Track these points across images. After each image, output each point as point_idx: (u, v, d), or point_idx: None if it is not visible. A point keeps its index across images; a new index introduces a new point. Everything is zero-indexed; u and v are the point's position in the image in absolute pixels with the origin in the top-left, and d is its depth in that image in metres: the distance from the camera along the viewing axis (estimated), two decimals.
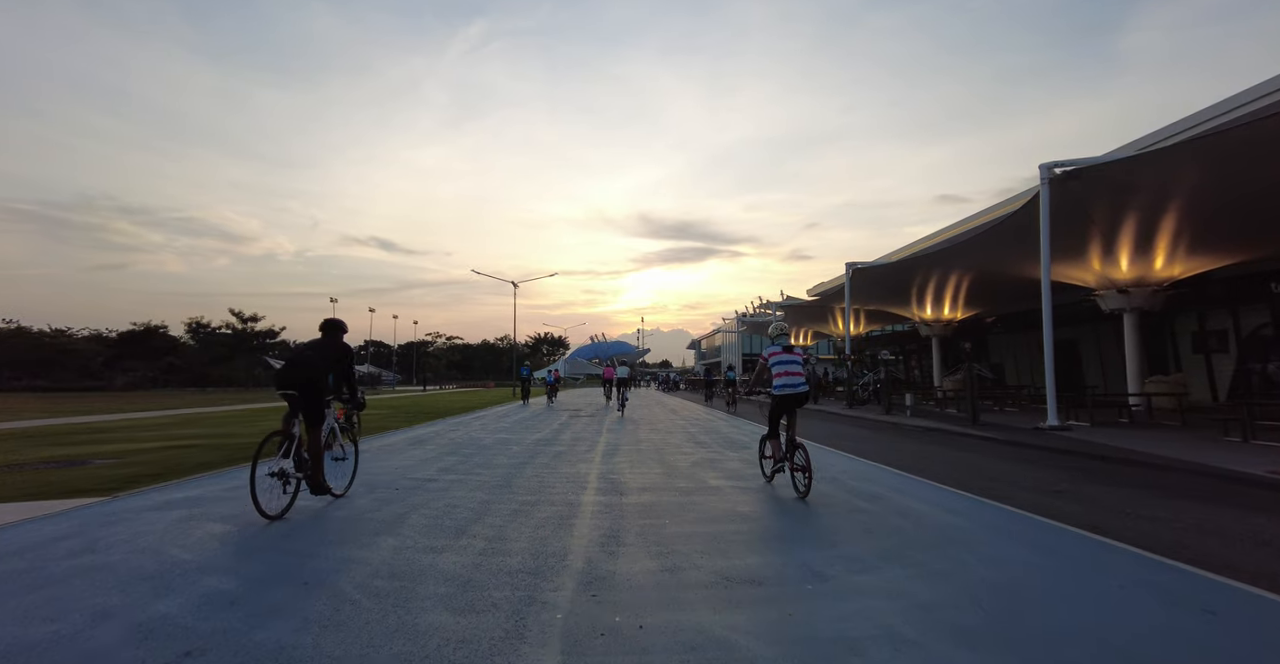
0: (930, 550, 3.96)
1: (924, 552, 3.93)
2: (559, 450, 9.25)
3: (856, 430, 13.27)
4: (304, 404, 5.00)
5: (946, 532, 4.45)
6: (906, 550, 3.96)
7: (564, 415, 17.37)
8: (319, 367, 5.11)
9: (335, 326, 5.53)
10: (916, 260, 21.15)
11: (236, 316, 52.48)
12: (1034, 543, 4.14)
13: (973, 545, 4.08)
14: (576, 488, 6.15)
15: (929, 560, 3.73)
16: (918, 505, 5.36)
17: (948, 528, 4.56)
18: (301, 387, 4.98)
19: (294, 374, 4.99)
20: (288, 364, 5.08)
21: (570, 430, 12.54)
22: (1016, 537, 4.31)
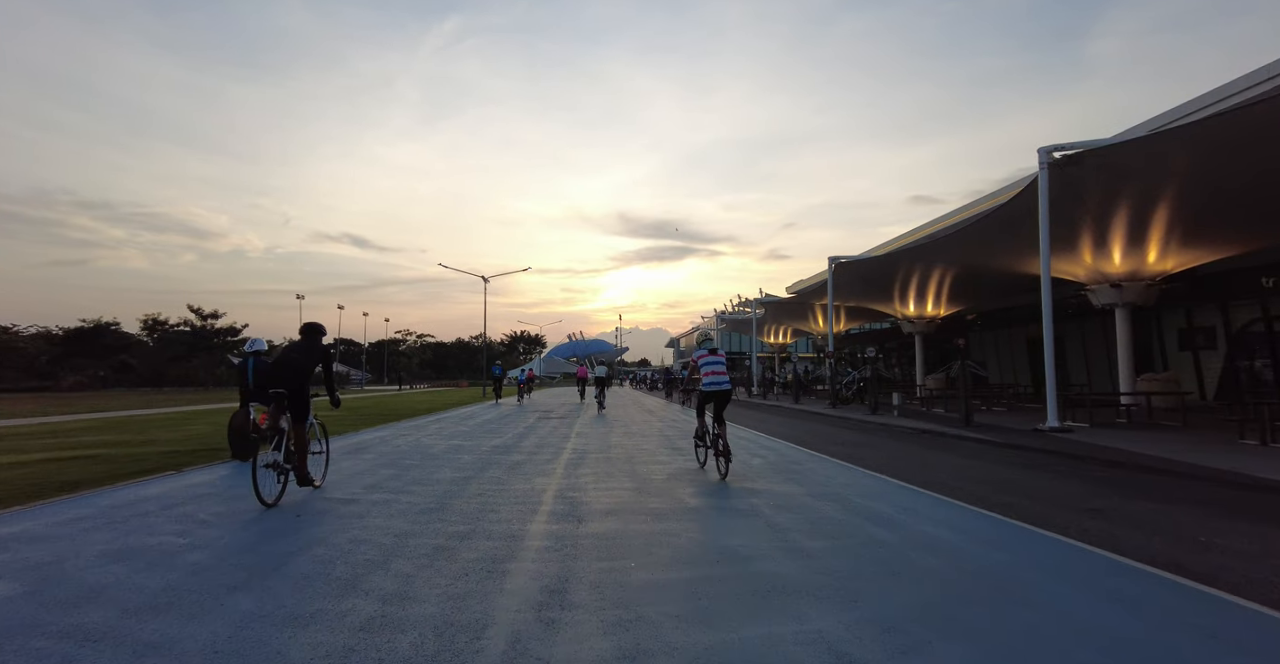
0: (981, 606, 2.92)
1: (974, 608, 2.89)
2: (516, 460, 8.07)
3: (846, 433, 12.33)
4: (291, 402, 5.38)
5: (991, 574, 3.42)
6: (952, 607, 2.91)
7: (532, 417, 16.15)
8: (305, 367, 5.47)
9: (315, 330, 5.81)
10: (901, 254, 20.39)
11: (195, 313, 49.87)
12: (1120, 596, 3.11)
13: (1033, 597, 3.04)
14: (525, 512, 4.98)
15: (987, 625, 2.68)
16: (941, 533, 4.34)
17: (991, 568, 3.53)
18: (289, 386, 5.35)
19: (282, 374, 5.36)
20: (275, 365, 5.49)
21: (535, 435, 11.35)
22: (1089, 584, 3.29)
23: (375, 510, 5.02)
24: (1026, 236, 15.84)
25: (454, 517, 4.80)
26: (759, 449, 9.33)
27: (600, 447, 9.54)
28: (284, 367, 5.44)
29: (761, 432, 12.18)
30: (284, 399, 5.36)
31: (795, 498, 5.57)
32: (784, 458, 8.38)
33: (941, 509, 5.17)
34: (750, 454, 8.72)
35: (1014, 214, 14.79)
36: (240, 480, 6.40)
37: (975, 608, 2.91)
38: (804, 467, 7.54)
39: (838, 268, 22.00)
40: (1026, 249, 16.53)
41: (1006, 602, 3.00)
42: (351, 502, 5.38)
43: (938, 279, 22.22)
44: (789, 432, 12.32)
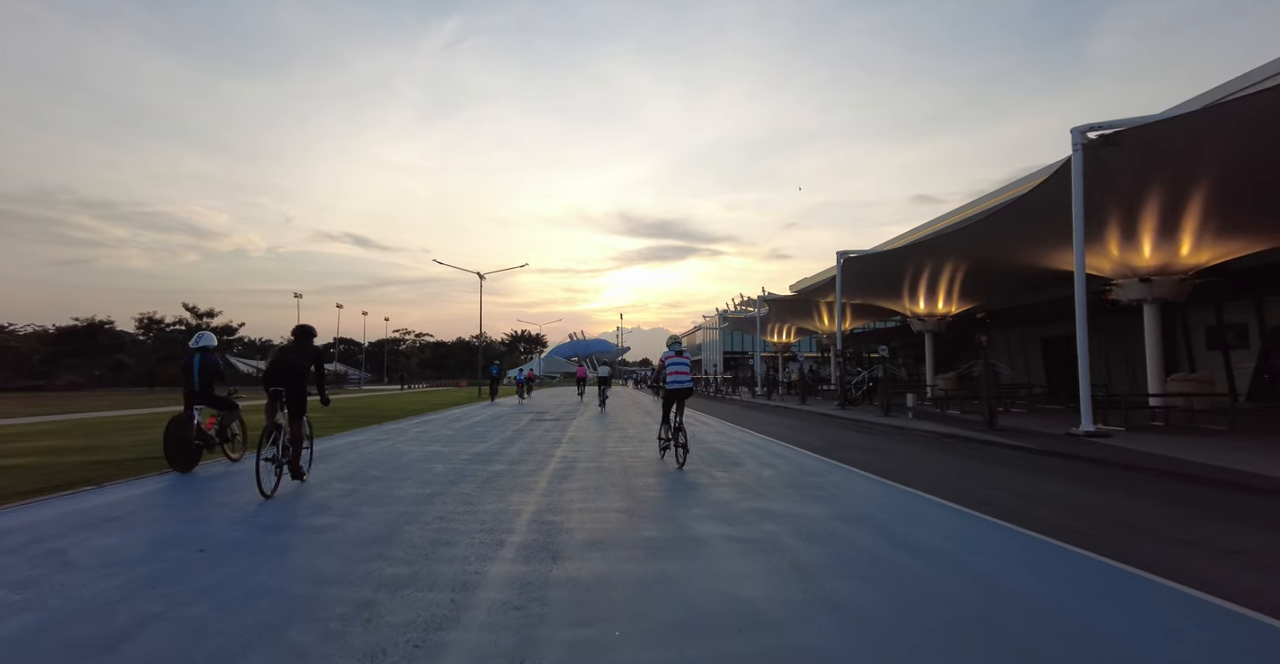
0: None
1: None
2: (496, 470, 7.07)
3: (861, 437, 11.31)
4: (288, 399, 5.74)
5: (1114, 649, 2.41)
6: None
7: (525, 418, 15.16)
8: (302, 367, 5.85)
9: (307, 332, 6.17)
10: (912, 249, 19.37)
11: (191, 311, 48.92)
12: None
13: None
14: (488, 546, 3.98)
15: None
16: (1022, 578, 3.32)
17: (1102, 636, 2.52)
18: (288, 384, 5.72)
19: (280, 374, 5.74)
20: (273, 365, 5.86)
21: (524, 439, 10.36)
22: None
23: (304, 543, 4.03)
24: (1049, 228, 14.81)
25: (398, 552, 3.80)
26: (769, 457, 8.32)
27: (593, 453, 8.54)
28: (282, 367, 5.83)
29: (769, 435, 11.17)
30: (282, 396, 5.73)
31: (820, 523, 4.57)
32: (798, 468, 7.37)
33: (1003, 539, 4.16)
34: (761, 463, 7.72)
35: (1037, 204, 13.77)
36: (165, 500, 5.42)
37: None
38: (823, 479, 6.54)
39: (846, 263, 20.98)
40: (1049, 241, 15.51)
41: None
42: (282, 528, 4.39)
43: (949, 275, 21.21)
44: (799, 436, 11.31)
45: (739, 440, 10.32)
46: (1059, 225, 14.39)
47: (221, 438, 7.25)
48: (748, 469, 7.20)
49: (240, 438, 7.77)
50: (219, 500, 5.36)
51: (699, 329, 67.61)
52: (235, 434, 7.61)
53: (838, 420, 15.45)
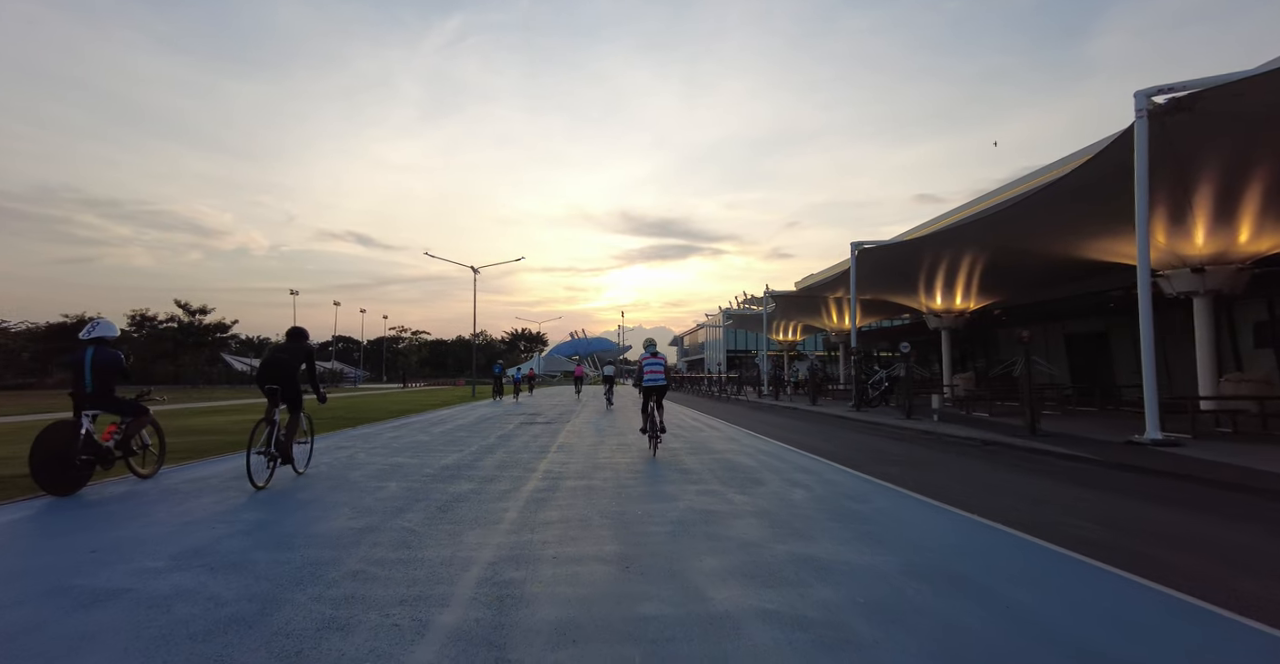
0: None
1: None
2: (460, 492, 5.67)
3: (891, 445, 9.88)
4: (283, 394, 6.10)
5: None
6: None
7: (515, 421, 13.77)
8: (292, 365, 6.20)
9: (299, 334, 6.52)
10: (931, 240, 17.93)
11: (183, 308, 47.58)
12: None
13: None
14: (399, 638, 2.56)
15: None
16: None
17: None
18: (281, 382, 6.06)
19: (272, 373, 6.09)
20: (264, 365, 6.24)
21: (507, 447, 8.97)
22: None
23: (110, 635, 2.62)
24: (1088, 213, 13.37)
25: (250, 655, 2.39)
26: (795, 471, 6.91)
27: (583, 467, 7.14)
28: (272, 366, 6.13)
29: (787, 442, 9.76)
30: (276, 394, 6.03)
31: (893, 584, 3.16)
32: (833, 488, 5.96)
33: (1135, 600, 2.74)
34: (787, 481, 6.31)
35: (1078, 185, 12.32)
36: None
37: None
38: (869, 506, 5.13)
39: (861, 255, 19.56)
40: (1087, 227, 14.06)
41: None
42: (111, 597, 2.98)
43: (968, 268, 19.80)
44: (821, 443, 9.90)
45: (754, 449, 8.91)
46: (1101, 209, 12.96)
47: (125, 450, 5.85)
48: (772, 489, 5.80)
49: (156, 449, 6.37)
50: (72, 543, 3.97)
51: (701, 327, 66.16)
52: (146, 444, 6.21)
53: (857, 424, 14.03)
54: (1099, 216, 13.28)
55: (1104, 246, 14.56)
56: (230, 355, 62.50)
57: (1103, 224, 13.66)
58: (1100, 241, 14.40)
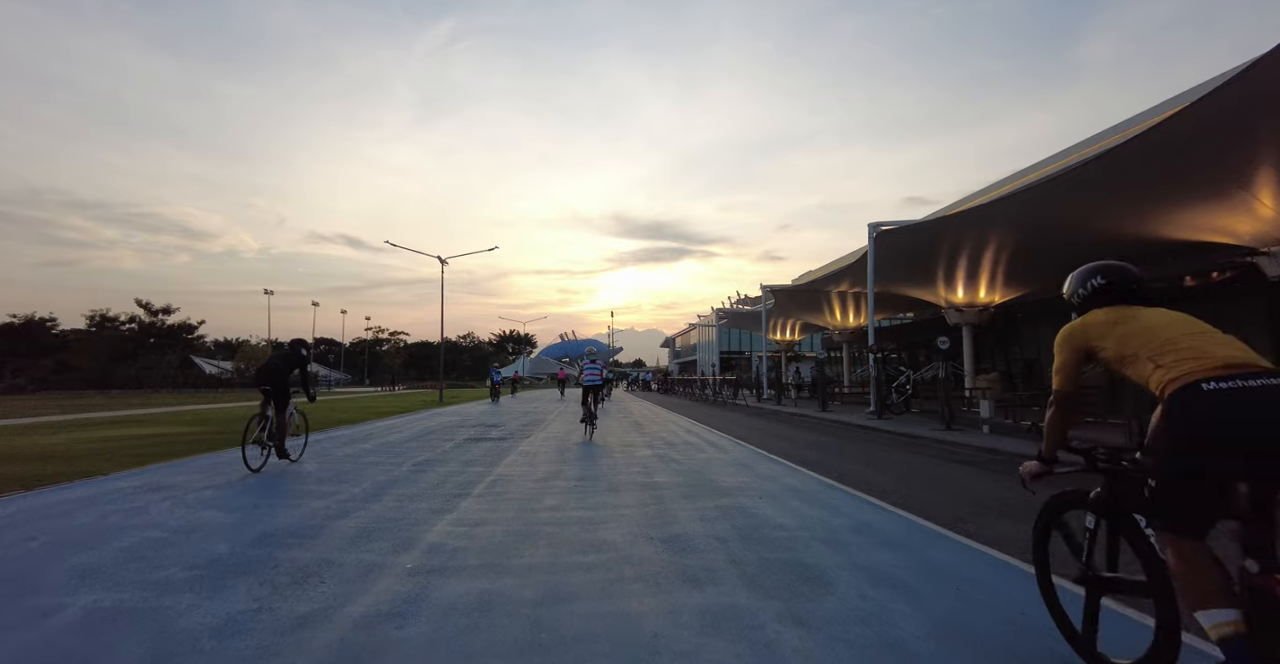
0: None
1: None
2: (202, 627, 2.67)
3: (969, 475, 6.96)
4: (274, 395, 6.78)
5: None
6: None
7: (463, 435, 10.77)
8: (283, 370, 6.96)
9: (301, 344, 7.47)
10: (961, 219, 15.12)
11: (144, 308, 43.91)
12: None
13: None
14: None
15: None
16: None
17: None
18: (273, 384, 6.81)
19: (267, 377, 6.88)
20: (261, 369, 7.02)
21: (409, 488, 5.99)
22: None
23: None
24: (1158, 183, 10.65)
25: None
26: (870, 544, 3.93)
27: (499, 542, 4.18)
28: (266, 371, 6.95)
29: (822, 471, 6.82)
30: (270, 394, 6.78)
31: None
32: (978, 605, 3.00)
33: None
34: (868, 574, 3.32)
35: (1158, 144, 9.55)
36: None
37: None
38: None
39: (879, 238, 16.74)
40: (1162, 198, 11.33)
41: None
42: None
43: (994, 256, 17.04)
44: (869, 473, 6.97)
45: (780, 487, 5.96)
46: (1188, 171, 10.24)
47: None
48: (854, 609, 2.84)
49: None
50: None
51: (694, 328, 63.27)
52: None
53: (890, 438, 11.13)
54: (1183, 181, 10.55)
55: (1188, 221, 11.81)
56: (203, 358, 58.89)
57: (1190, 189, 10.92)
58: (1184, 214, 11.64)
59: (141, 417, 15.69)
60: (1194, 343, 1.75)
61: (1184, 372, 1.66)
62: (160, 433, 11.26)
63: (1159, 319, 1.89)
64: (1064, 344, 2.08)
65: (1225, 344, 1.75)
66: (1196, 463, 1.60)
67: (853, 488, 5.86)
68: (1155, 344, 1.80)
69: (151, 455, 8.02)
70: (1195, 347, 1.73)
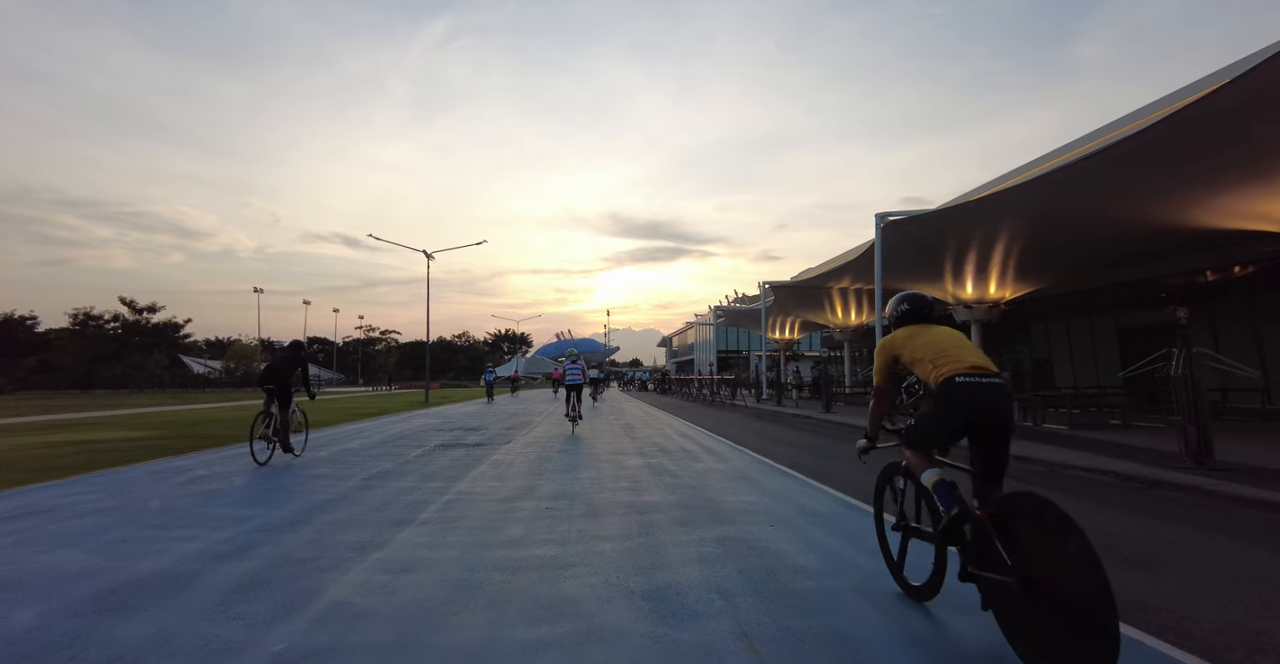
0: None
1: None
2: None
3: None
4: (278, 394, 7.29)
5: None
6: None
7: (438, 439, 9.72)
8: (286, 371, 7.45)
9: (298, 346, 8.07)
10: (976, 207, 14.10)
11: (128, 306, 42.58)
12: None
13: None
14: None
15: None
16: None
17: None
18: (277, 383, 7.31)
19: (272, 376, 7.40)
20: (266, 370, 7.55)
21: (346, 509, 4.95)
22: None
23: None
24: (1190, 165, 9.65)
25: None
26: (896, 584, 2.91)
27: (433, 588, 3.14)
28: (270, 371, 7.49)
29: (835, 486, 5.78)
30: (274, 393, 7.26)
31: None
32: None
33: None
34: (909, 631, 2.29)
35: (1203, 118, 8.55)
36: None
37: None
38: None
39: (887, 228, 15.73)
40: (1192, 181, 10.34)
41: None
42: None
43: (1005, 247, 16.05)
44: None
45: (804, 515, 4.92)
46: (1224, 150, 9.24)
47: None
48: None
49: None
50: None
51: (691, 327, 62.24)
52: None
53: None
54: (1228, 164, 9.56)
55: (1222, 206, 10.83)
56: (193, 358, 57.60)
57: (1219, 174, 9.95)
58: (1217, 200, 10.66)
59: (101, 419, 14.58)
60: (956, 353, 2.55)
61: (948, 370, 2.48)
62: (106, 438, 10.17)
63: (939, 335, 2.67)
64: (879, 352, 2.81)
65: (974, 354, 2.56)
66: (946, 417, 2.47)
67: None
68: (934, 352, 2.58)
69: (64, 468, 6.95)
70: (956, 355, 2.54)
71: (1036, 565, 2.06)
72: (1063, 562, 1.96)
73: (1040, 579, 2.02)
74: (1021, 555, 2.12)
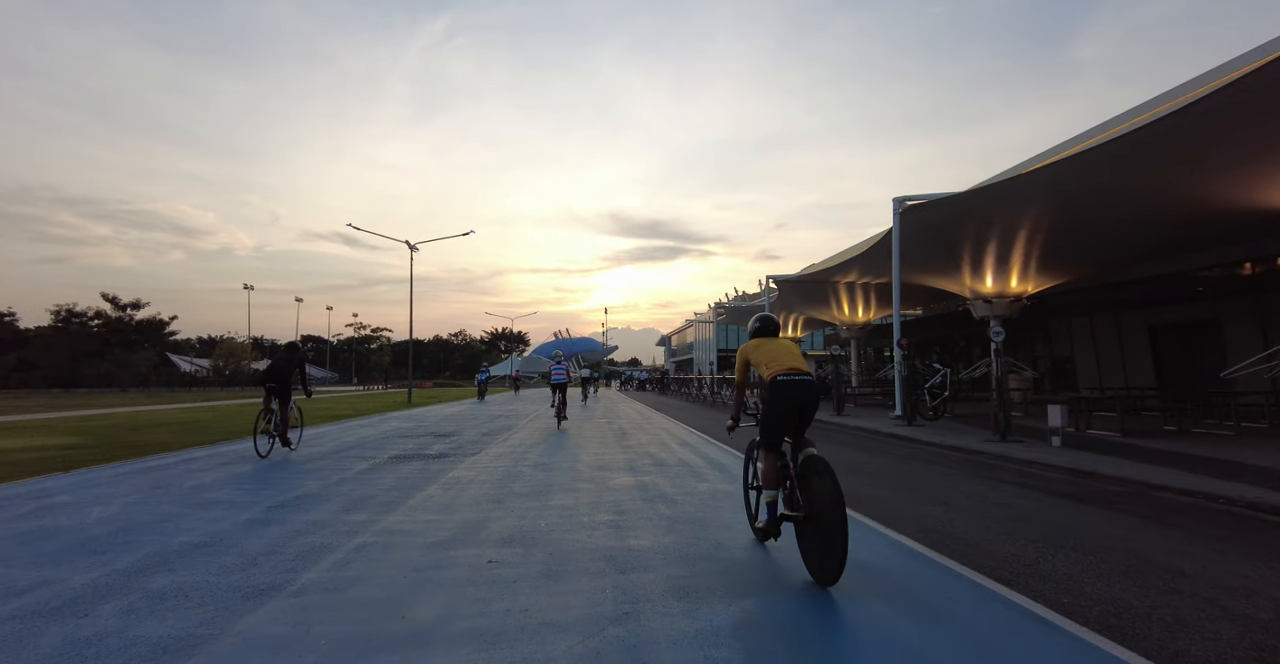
0: None
1: None
2: None
3: (1094, 523, 4.48)
4: (278, 391, 7.72)
5: None
6: None
7: (401, 447, 8.28)
8: (286, 370, 7.84)
9: (294, 346, 8.58)
10: (1007, 188, 12.68)
11: (111, 302, 40.98)
12: None
13: None
14: None
15: None
16: None
17: None
18: (278, 382, 7.73)
19: (273, 375, 7.80)
20: (268, 369, 7.92)
21: (114, 600, 3.50)
22: None
23: None
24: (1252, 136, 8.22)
25: None
26: None
27: None
28: (271, 370, 7.85)
29: (877, 517, 4.34)
30: (275, 390, 7.70)
31: None
32: None
33: None
34: None
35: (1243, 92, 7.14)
36: None
37: None
38: None
39: (905, 213, 14.31)
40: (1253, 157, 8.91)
41: None
42: None
43: (1028, 235, 14.64)
44: (962, 524, 4.51)
45: (855, 570, 3.47)
46: None
47: None
48: None
49: None
50: None
51: (690, 325, 60.78)
52: None
53: (944, 455, 8.67)
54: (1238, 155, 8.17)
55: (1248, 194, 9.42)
56: (183, 356, 56.05)
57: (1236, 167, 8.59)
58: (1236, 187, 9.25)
59: (35, 423, 13.10)
60: (782, 359, 3.43)
61: (774, 371, 3.36)
62: (12, 447, 8.71)
63: (776, 345, 3.58)
64: (739, 357, 3.72)
65: (794, 359, 3.45)
66: (773, 408, 3.32)
67: (963, 563, 3.38)
68: (769, 358, 3.46)
69: None
70: (781, 360, 3.42)
71: (814, 504, 3.08)
72: (825, 501, 2.97)
73: (813, 513, 3.08)
74: (809, 499, 3.14)
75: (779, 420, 3.31)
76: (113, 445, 8.77)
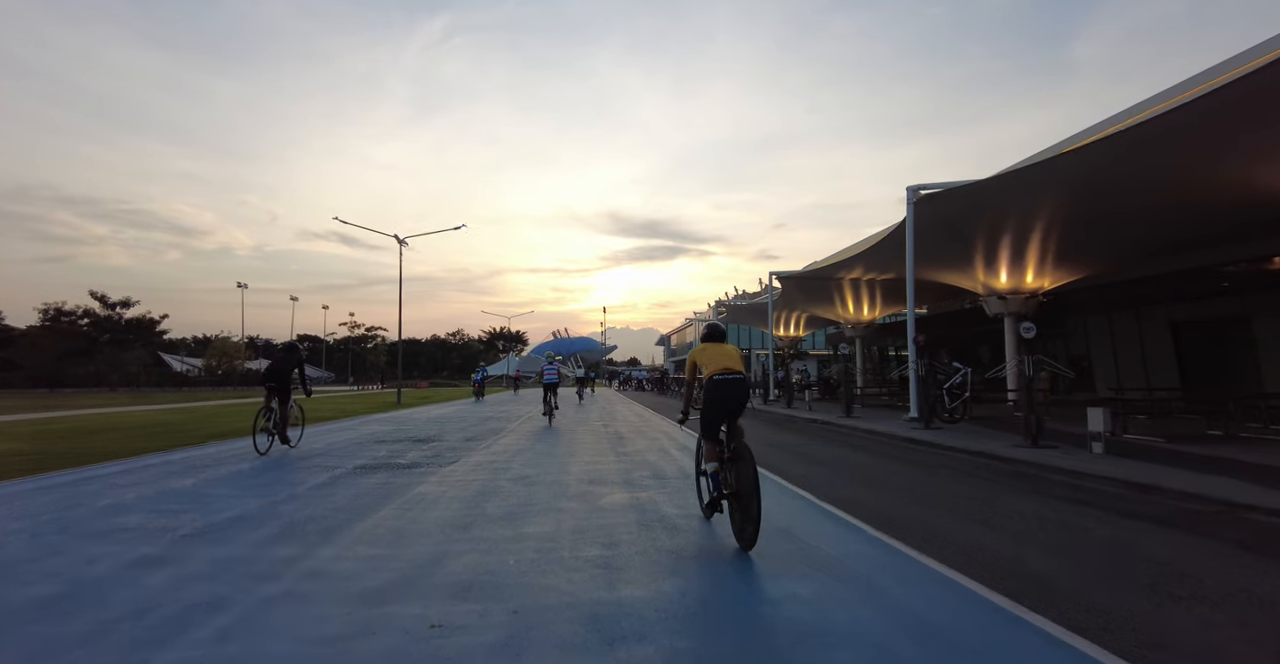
0: None
1: None
2: None
3: (1185, 558, 3.59)
4: (278, 390, 7.87)
5: None
6: None
7: (370, 453, 7.41)
8: (286, 369, 8.01)
9: (293, 346, 8.86)
10: (1032, 173, 11.81)
11: (99, 300, 39.98)
12: None
13: None
14: None
15: None
16: None
17: None
18: (278, 382, 7.89)
19: (274, 374, 7.98)
20: (268, 369, 8.13)
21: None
22: None
23: None
24: None
25: None
26: None
27: None
28: (274, 370, 8.02)
29: (921, 548, 3.48)
30: (275, 389, 7.84)
31: None
32: None
33: None
34: None
35: None
36: None
37: None
38: None
39: (919, 204, 13.43)
40: None
41: None
42: None
43: (1044, 228, 13.87)
44: (1028, 556, 3.63)
45: (924, 639, 2.58)
46: None
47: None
48: None
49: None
50: None
51: (690, 324, 59.89)
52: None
53: (975, 464, 7.80)
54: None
55: None
56: (175, 356, 55.05)
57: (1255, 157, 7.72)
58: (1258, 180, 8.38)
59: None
60: (721, 361, 3.93)
61: (711, 371, 3.88)
62: None
63: (718, 349, 4.07)
64: (689, 359, 4.16)
65: (732, 360, 3.98)
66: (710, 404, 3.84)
67: (1069, 630, 2.49)
68: (710, 360, 3.97)
69: None
70: (719, 362, 3.92)
71: (739, 483, 3.67)
72: (746, 480, 3.56)
73: (738, 491, 3.68)
74: (736, 479, 3.72)
75: (716, 410, 3.86)
76: (52, 453, 7.87)
